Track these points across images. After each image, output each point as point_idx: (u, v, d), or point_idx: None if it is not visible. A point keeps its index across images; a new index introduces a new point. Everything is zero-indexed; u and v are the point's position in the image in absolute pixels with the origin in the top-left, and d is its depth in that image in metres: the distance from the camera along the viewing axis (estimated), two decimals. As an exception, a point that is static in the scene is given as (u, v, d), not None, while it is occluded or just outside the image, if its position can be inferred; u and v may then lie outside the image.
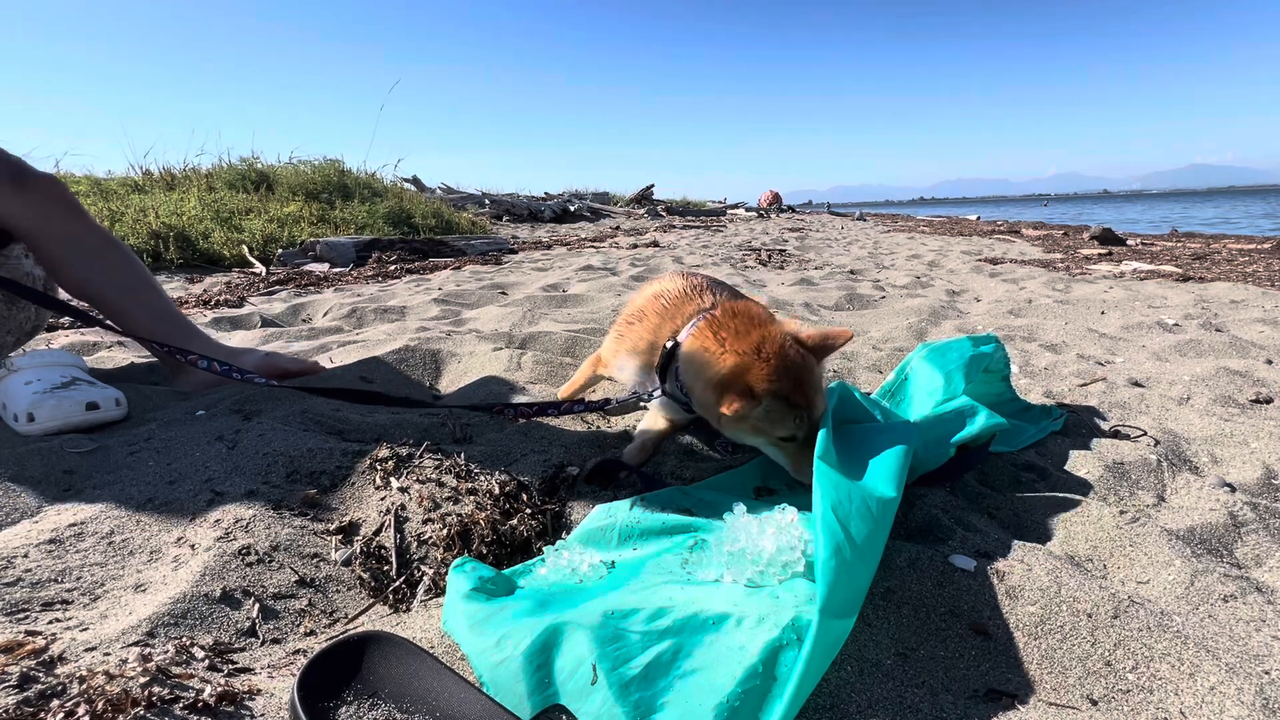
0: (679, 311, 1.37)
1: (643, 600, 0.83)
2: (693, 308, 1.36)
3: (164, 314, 1.78)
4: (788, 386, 1.17)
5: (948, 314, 3.22)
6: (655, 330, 1.39)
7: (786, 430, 1.18)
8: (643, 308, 1.46)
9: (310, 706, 0.70)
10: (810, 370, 1.21)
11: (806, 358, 1.22)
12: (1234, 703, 0.77)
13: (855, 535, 0.89)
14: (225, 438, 1.36)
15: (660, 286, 1.48)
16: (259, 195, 7.01)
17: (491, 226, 9.25)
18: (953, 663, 0.87)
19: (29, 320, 1.86)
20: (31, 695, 0.70)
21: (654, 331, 1.40)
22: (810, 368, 1.21)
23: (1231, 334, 2.60)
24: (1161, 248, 7.10)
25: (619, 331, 1.51)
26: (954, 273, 4.96)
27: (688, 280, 1.46)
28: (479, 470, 1.29)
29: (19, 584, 0.92)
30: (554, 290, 3.65)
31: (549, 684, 0.75)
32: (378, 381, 1.89)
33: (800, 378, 1.19)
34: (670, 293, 1.43)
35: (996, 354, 1.62)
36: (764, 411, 1.17)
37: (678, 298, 1.41)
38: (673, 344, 1.33)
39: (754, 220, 14.35)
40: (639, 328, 1.44)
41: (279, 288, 3.91)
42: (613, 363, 1.54)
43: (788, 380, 1.18)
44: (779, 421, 1.18)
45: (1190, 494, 1.32)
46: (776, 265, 5.46)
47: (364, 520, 1.16)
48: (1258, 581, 1.04)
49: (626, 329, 1.47)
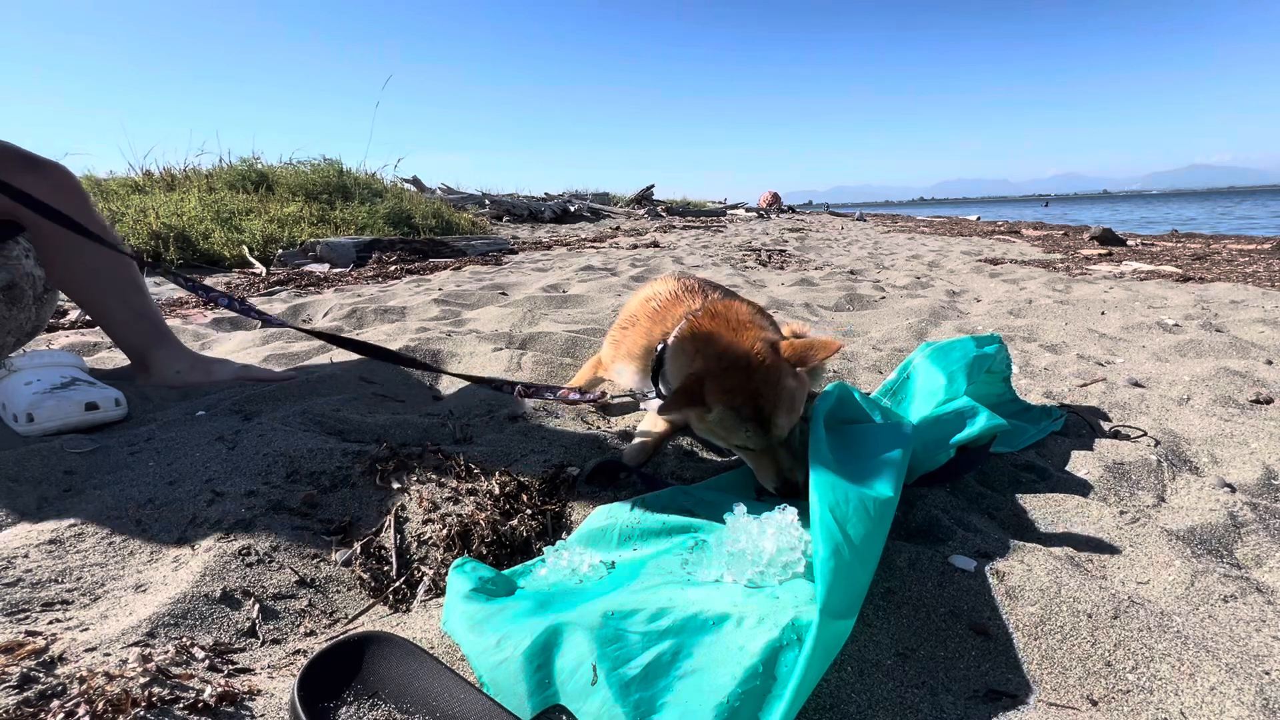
0: (669, 314, 1.39)
1: (643, 601, 0.83)
2: (682, 310, 1.38)
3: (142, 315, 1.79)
4: (739, 399, 1.16)
5: (948, 314, 3.22)
6: (647, 334, 1.41)
7: (739, 440, 1.18)
8: (635, 312, 1.49)
9: (310, 707, 0.70)
10: (774, 383, 1.18)
11: (775, 369, 1.19)
12: (1234, 703, 0.77)
13: (854, 536, 0.89)
14: (225, 438, 1.36)
15: (652, 290, 1.51)
16: (259, 196, 7.02)
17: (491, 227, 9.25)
18: (953, 663, 0.87)
19: (29, 320, 1.86)
20: (31, 695, 0.70)
21: (646, 335, 1.42)
22: (775, 380, 1.18)
23: (1231, 334, 2.60)
24: (1161, 248, 7.10)
25: (614, 337, 1.54)
26: (954, 273, 4.96)
27: (680, 283, 1.48)
28: (479, 470, 1.29)
29: (19, 584, 0.92)
30: (554, 291, 3.65)
31: (549, 684, 0.75)
32: (378, 382, 1.89)
33: (758, 390, 1.17)
34: (661, 296, 1.46)
35: (999, 355, 1.62)
36: (716, 420, 1.18)
37: (668, 300, 1.43)
38: (662, 347, 1.35)
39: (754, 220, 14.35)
40: (632, 333, 1.46)
41: (279, 288, 3.91)
42: (611, 368, 1.57)
43: (741, 393, 1.16)
44: (731, 431, 1.18)
45: (1190, 494, 1.32)
46: (776, 265, 5.47)
47: (364, 520, 1.16)
48: (1258, 582, 1.04)
49: (621, 334, 1.50)
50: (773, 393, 1.18)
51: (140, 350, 1.82)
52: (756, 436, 1.17)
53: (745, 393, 1.17)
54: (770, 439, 1.17)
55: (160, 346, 1.81)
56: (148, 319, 1.81)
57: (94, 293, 1.76)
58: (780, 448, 1.18)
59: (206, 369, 1.82)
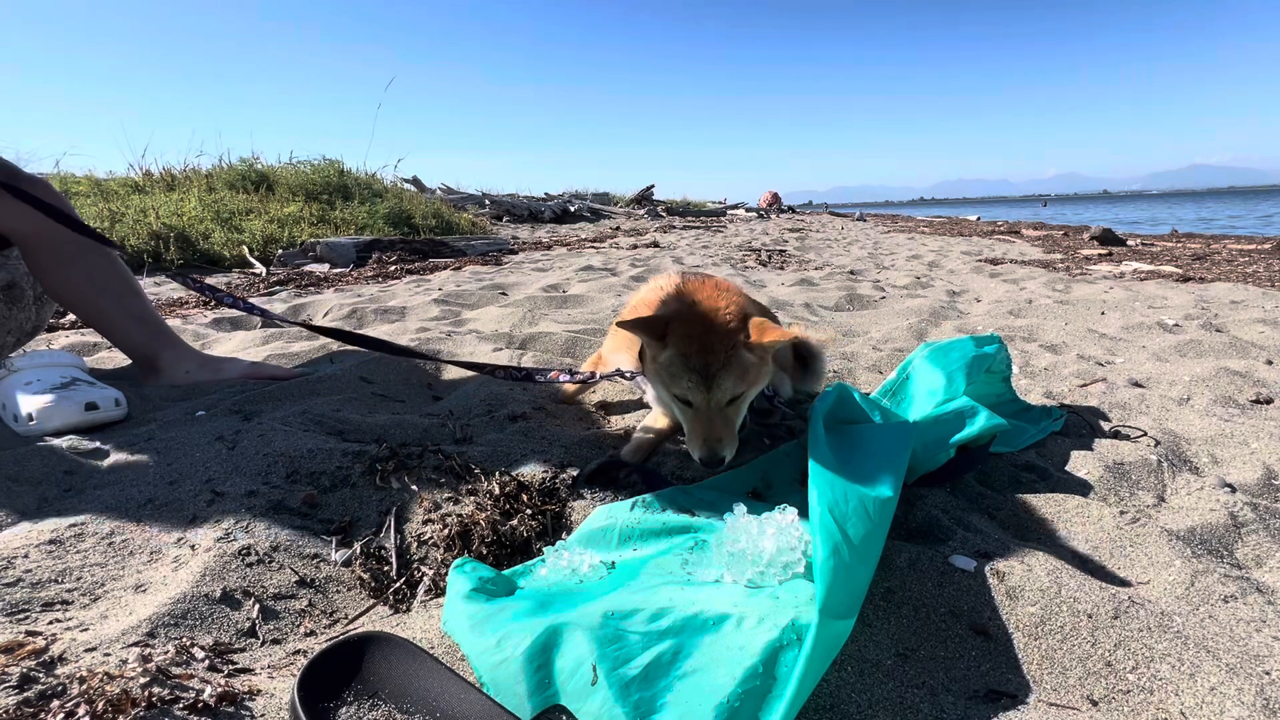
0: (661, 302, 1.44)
1: (643, 601, 0.83)
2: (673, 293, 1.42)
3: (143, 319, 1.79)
4: (692, 347, 1.22)
5: (948, 314, 3.22)
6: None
7: (680, 389, 1.23)
8: (636, 304, 1.54)
9: (310, 707, 0.70)
10: (729, 346, 1.23)
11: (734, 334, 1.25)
12: (1234, 703, 0.77)
13: (853, 536, 0.89)
14: (225, 438, 1.36)
15: (655, 283, 1.57)
16: (259, 196, 7.01)
17: (491, 227, 9.25)
18: (953, 663, 0.87)
19: (29, 320, 1.86)
20: (31, 695, 0.70)
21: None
22: (731, 344, 1.24)
23: (1231, 334, 2.60)
24: (1161, 248, 7.10)
25: (613, 330, 1.61)
26: (954, 273, 4.96)
27: (683, 277, 1.52)
28: (479, 470, 1.29)
29: (19, 584, 0.92)
30: (554, 291, 3.65)
31: (549, 684, 0.75)
32: (378, 381, 1.89)
33: (711, 346, 1.23)
34: (664, 288, 1.50)
35: (999, 355, 1.62)
36: (666, 361, 1.24)
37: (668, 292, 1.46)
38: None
39: (754, 221, 14.35)
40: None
41: (279, 288, 3.91)
42: (610, 359, 1.65)
43: (695, 341, 1.22)
44: (675, 378, 1.23)
45: (1190, 494, 1.31)
46: (776, 265, 5.47)
47: (364, 520, 1.16)
48: (1258, 582, 1.04)
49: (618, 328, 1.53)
50: (725, 353, 1.23)
51: (147, 353, 1.82)
52: (696, 390, 1.22)
53: (699, 343, 1.23)
54: (709, 398, 1.22)
55: (167, 348, 1.82)
56: (150, 322, 1.82)
57: (92, 301, 1.77)
58: (717, 414, 1.23)
59: (215, 368, 1.82)
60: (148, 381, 1.82)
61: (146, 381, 1.83)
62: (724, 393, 1.22)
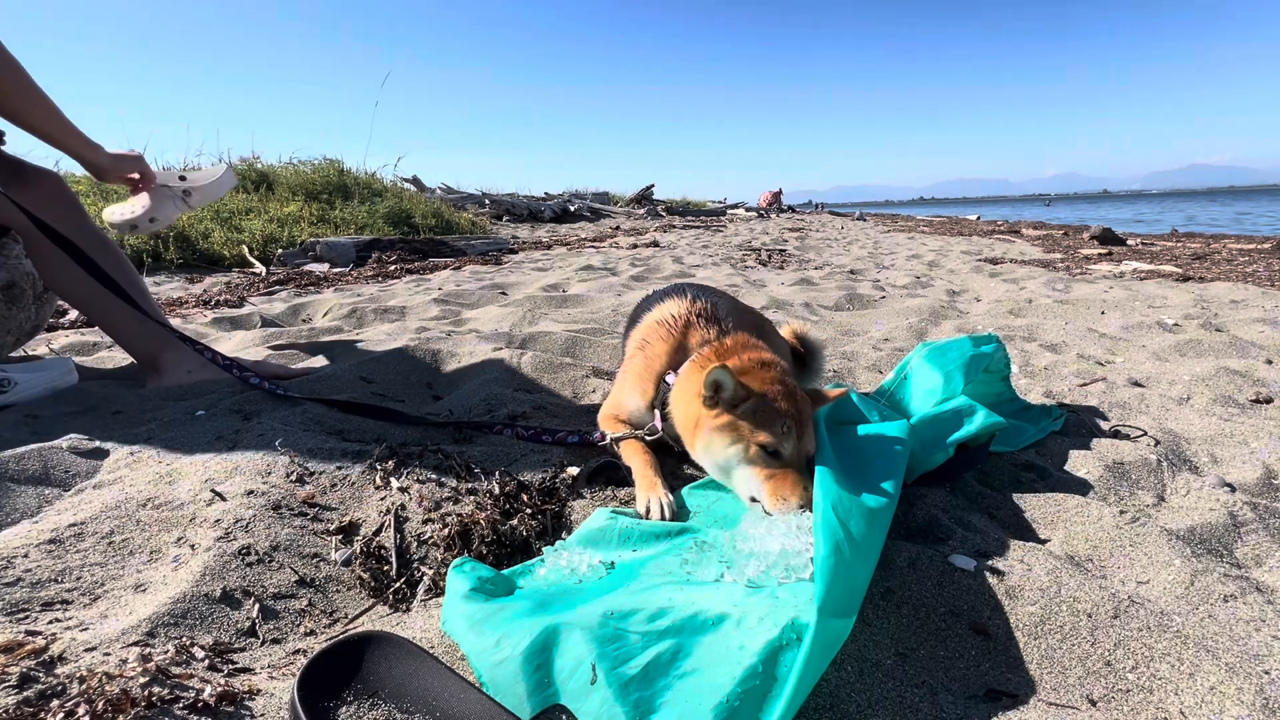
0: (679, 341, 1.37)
1: (642, 601, 0.83)
2: (696, 338, 1.35)
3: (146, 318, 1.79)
4: (781, 392, 1.15)
5: (948, 314, 3.22)
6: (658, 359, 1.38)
7: (771, 434, 1.10)
8: (647, 335, 1.43)
9: (310, 706, 0.70)
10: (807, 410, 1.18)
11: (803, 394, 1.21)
12: (1234, 703, 0.77)
13: (855, 533, 0.89)
14: (225, 437, 1.36)
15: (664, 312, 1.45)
16: (259, 195, 7.01)
17: (491, 226, 9.24)
18: (953, 663, 0.87)
19: (29, 320, 1.86)
20: (31, 695, 0.70)
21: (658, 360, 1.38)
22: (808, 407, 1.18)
23: (1231, 334, 2.60)
24: (1161, 248, 7.10)
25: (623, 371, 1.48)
26: (954, 273, 4.96)
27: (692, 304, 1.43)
28: (479, 470, 1.29)
29: (19, 584, 0.92)
30: (554, 290, 3.65)
31: (549, 684, 0.75)
32: (378, 381, 1.89)
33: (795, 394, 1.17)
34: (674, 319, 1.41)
35: (997, 354, 1.62)
36: (751, 409, 1.12)
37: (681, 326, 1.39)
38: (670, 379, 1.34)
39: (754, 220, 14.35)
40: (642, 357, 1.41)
41: (279, 288, 3.90)
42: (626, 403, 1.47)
43: (784, 390, 1.16)
44: (765, 422, 1.11)
45: (1190, 494, 1.32)
46: (776, 265, 5.46)
47: (364, 520, 1.16)
48: (1258, 581, 1.04)
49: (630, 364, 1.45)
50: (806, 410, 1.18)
51: (150, 353, 1.82)
52: (789, 436, 1.11)
53: (787, 394, 1.16)
54: (801, 446, 1.13)
55: (170, 348, 1.81)
56: (153, 322, 1.81)
57: (96, 300, 1.76)
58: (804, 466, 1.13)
59: (217, 368, 1.82)
60: (151, 381, 1.82)
61: (149, 381, 1.83)
62: (808, 445, 1.14)
